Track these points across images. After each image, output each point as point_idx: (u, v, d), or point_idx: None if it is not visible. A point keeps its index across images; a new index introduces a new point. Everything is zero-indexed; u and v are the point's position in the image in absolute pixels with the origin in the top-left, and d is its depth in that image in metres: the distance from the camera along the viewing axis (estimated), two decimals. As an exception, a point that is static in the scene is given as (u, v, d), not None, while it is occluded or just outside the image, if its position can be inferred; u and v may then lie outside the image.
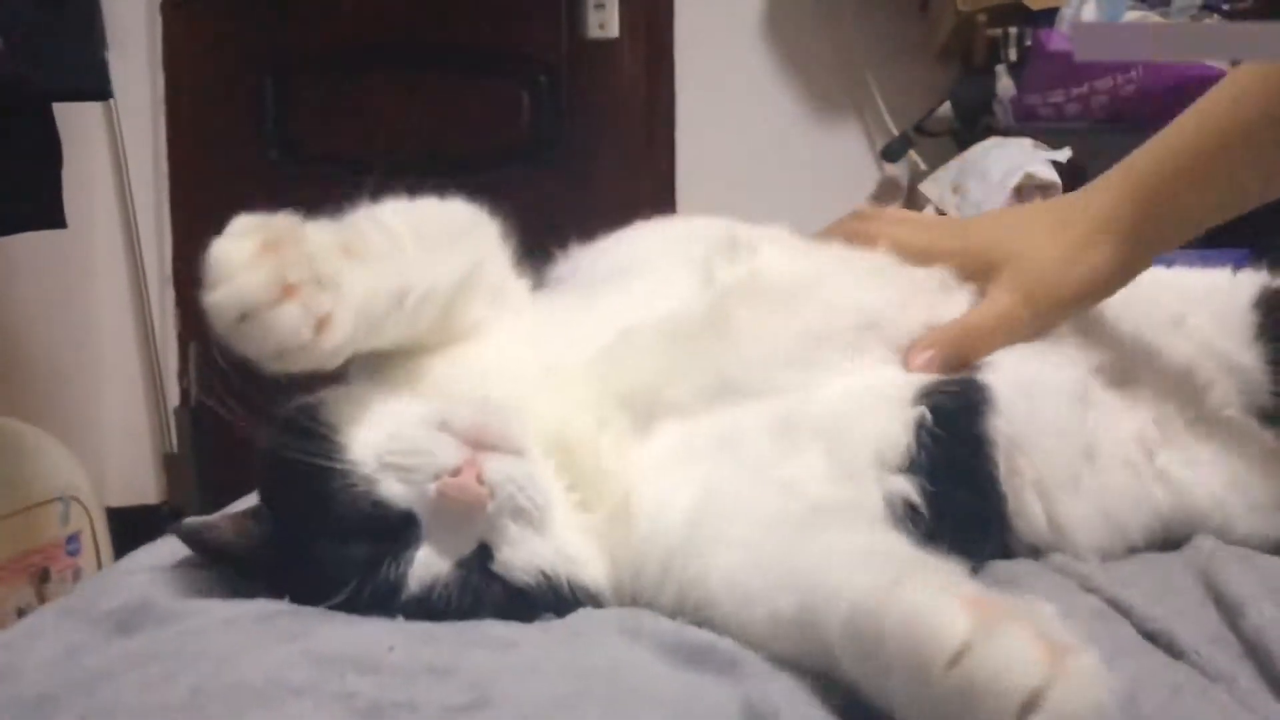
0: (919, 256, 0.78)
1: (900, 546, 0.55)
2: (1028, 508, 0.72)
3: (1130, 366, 0.80)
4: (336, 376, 0.66)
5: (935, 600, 0.42)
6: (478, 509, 0.58)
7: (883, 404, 0.70)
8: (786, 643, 0.52)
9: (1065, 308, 0.77)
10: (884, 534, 0.60)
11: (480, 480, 0.58)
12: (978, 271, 0.77)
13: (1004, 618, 0.40)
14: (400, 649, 0.51)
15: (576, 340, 0.70)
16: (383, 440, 0.60)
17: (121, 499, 2.52)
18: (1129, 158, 0.78)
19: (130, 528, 0.65)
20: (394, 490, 0.59)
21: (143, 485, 2.76)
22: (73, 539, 2.03)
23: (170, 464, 2.78)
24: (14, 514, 1.89)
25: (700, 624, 0.57)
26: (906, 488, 0.66)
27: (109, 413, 2.75)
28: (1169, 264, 0.95)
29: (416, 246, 0.66)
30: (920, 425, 0.69)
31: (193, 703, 0.45)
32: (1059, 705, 0.38)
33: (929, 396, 0.70)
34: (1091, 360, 0.78)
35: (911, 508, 0.66)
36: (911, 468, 0.67)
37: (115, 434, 2.75)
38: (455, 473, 0.58)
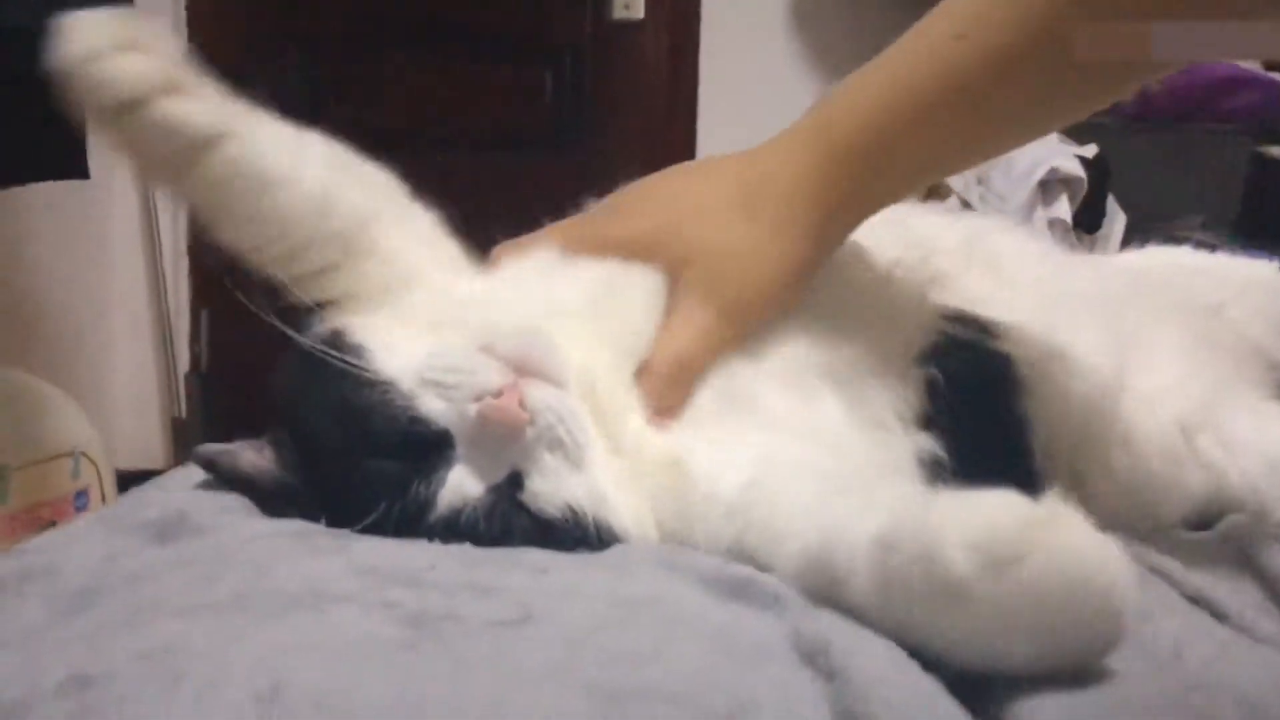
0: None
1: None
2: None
3: (1167, 351, 0.78)
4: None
5: (988, 493, 0.43)
6: (516, 433, 0.58)
7: (884, 361, 0.69)
8: (806, 578, 0.52)
9: (765, 313, 0.67)
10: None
11: (521, 405, 0.58)
12: (661, 266, 0.67)
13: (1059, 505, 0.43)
14: (440, 568, 0.51)
15: (561, 293, 0.68)
16: (423, 358, 0.60)
17: (129, 462, 2.51)
18: (823, 110, 0.67)
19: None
20: (433, 407, 0.58)
21: (150, 449, 2.76)
22: (81, 494, 2.03)
23: (178, 429, 2.78)
24: (26, 466, 1.89)
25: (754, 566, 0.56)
26: (932, 445, 0.65)
27: (120, 375, 2.75)
28: (1212, 249, 0.94)
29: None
30: (932, 386, 0.68)
31: (236, 603, 0.44)
32: (1120, 565, 0.41)
33: (936, 359, 0.69)
34: (1128, 342, 0.76)
35: (939, 465, 0.65)
36: (931, 426, 0.67)
37: (125, 397, 2.75)
38: (497, 395, 0.58)
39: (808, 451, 0.62)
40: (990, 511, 0.42)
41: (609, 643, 0.45)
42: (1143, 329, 0.78)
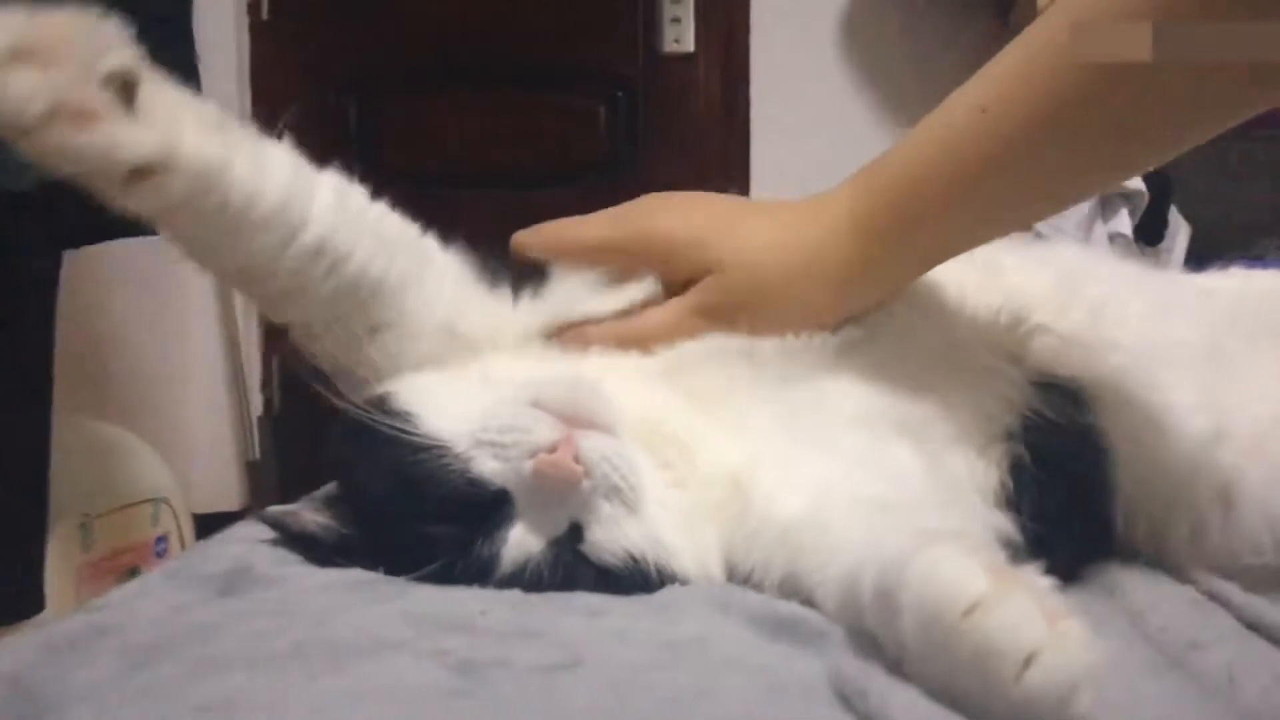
0: (601, 253, 0.71)
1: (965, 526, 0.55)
2: (1140, 550, 0.71)
3: (1267, 386, 0.75)
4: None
5: (959, 558, 0.44)
6: (573, 487, 0.58)
7: (966, 428, 0.68)
8: (842, 606, 0.52)
9: (756, 338, 0.69)
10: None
11: (576, 459, 0.58)
12: (687, 267, 0.70)
13: (1015, 584, 0.43)
14: (492, 613, 0.52)
15: None
16: (476, 418, 0.60)
17: (205, 505, 2.57)
18: (865, 173, 0.68)
19: (214, 532, 0.68)
20: (489, 468, 0.59)
21: (226, 492, 2.81)
22: (161, 540, 2.08)
23: (253, 472, 2.84)
24: (108, 513, 1.95)
25: (802, 598, 0.57)
26: (1008, 526, 0.63)
27: (194, 421, 2.80)
28: None
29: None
30: (1018, 467, 0.67)
31: (296, 654, 0.46)
32: (1052, 661, 0.40)
33: (1024, 436, 0.68)
34: (1227, 381, 0.74)
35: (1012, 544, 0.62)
36: (1010, 505, 0.66)
37: (200, 442, 2.81)
38: (551, 450, 0.58)
39: (870, 484, 0.62)
40: (943, 587, 0.43)
41: (656, 684, 0.46)
42: (1239, 363, 0.76)
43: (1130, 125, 0.60)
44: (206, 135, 0.59)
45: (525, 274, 0.72)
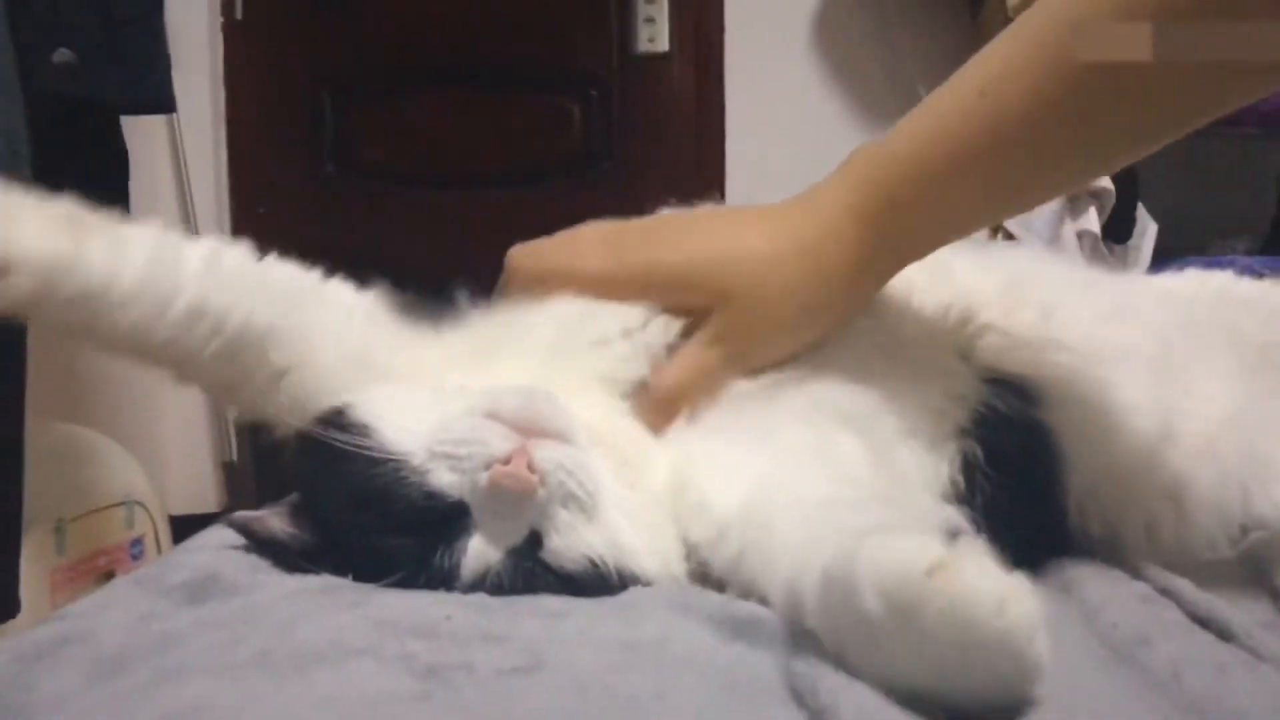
0: (603, 287, 0.71)
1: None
2: (1094, 546, 0.72)
3: (1214, 389, 0.77)
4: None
5: (907, 534, 0.45)
6: (528, 497, 0.59)
7: (915, 424, 0.70)
8: (786, 604, 0.53)
9: (773, 361, 0.70)
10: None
11: (531, 468, 0.59)
12: (693, 299, 0.70)
13: (965, 548, 0.44)
14: (457, 618, 0.53)
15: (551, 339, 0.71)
16: (430, 431, 0.61)
17: (182, 507, 2.57)
18: (858, 165, 0.68)
19: (191, 534, 0.68)
20: (446, 480, 0.60)
21: (203, 494, 2.81)
22: (136, 543, 2.08)
23: (230, 473, 2.83)
24: (81, 517, 1.94)
25: (757, 596, 0.58)
26: (958, 519, 0.64)
27: (171, 422, 2.80)
28: (1260, 277, 0.91)
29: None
30: (970, 463, 0.69)
31: (260, 662, 0.46)
32: (1021, 603, 0.42)
33: (975, 432, 0.70)
34: (1176, 384, 0.76)
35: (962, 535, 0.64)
36: (963, 501, 0.67)
37: (177, 443, 2.81)
38: (506, 461, 0.59)
39: (811, 480, 0.63)
40: (900, 556, 0.43)
41: (616, 686, 0.47)
42: (1190, 366, 0.77)
43: (1131, 108, 0.61)
44: (50, 231, 0.62)
45: (450, 301, 0.74)
